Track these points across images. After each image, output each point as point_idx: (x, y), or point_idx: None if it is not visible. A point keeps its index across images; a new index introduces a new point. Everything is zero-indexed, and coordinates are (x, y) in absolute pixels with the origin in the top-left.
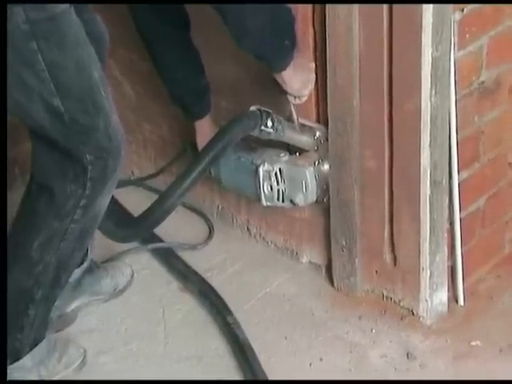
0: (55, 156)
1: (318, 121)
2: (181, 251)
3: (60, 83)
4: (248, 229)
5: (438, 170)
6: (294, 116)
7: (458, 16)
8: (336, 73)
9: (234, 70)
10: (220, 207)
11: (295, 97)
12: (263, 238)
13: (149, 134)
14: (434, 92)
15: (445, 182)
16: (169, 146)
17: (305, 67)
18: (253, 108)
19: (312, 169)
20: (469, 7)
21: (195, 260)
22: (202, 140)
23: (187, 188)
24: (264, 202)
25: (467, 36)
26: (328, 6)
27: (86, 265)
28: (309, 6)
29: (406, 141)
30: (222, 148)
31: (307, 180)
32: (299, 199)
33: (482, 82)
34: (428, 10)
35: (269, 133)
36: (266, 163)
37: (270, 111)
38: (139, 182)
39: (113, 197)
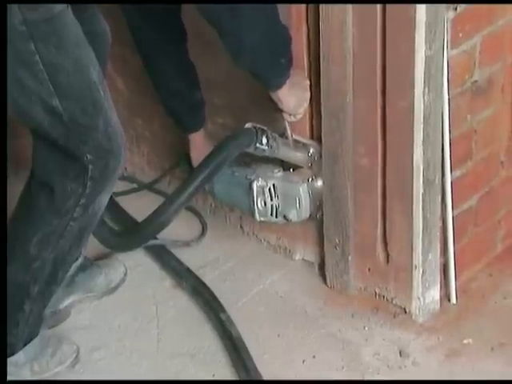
0: (56, 155)
1: (312, 137)
2: (174, 248)
3: (58, 84)
4: (241, 226)
5: (431, 168)
6: (289, 133)
7: (451, 15)
8: (330, 69)
9: (227, 68)
10: (213, 205)
11: (290, 115)
12: (256, 236)
13: (141, 130)
14: (427, 90)
15: (437, 180)
16: (161, 143)
17: (300, 85)
18: (248, 125)
19: (306, 185)
20: (462, 6)
21: (188, 257)
22: (195, 154)
23: (182, 204)
24: (257, 217)
25: (460, 35)
26: (322, 4)
27: (79, 262)
28: (302, 4)
29: (398, 138)
30: (218, 165)
31: (301, 196)
32: (293, 215)
33: (475, 81)
34: (421, 8)
35: (264, 150)
36: (259, 179)
37: (265, 128)
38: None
39: (113, 201)
